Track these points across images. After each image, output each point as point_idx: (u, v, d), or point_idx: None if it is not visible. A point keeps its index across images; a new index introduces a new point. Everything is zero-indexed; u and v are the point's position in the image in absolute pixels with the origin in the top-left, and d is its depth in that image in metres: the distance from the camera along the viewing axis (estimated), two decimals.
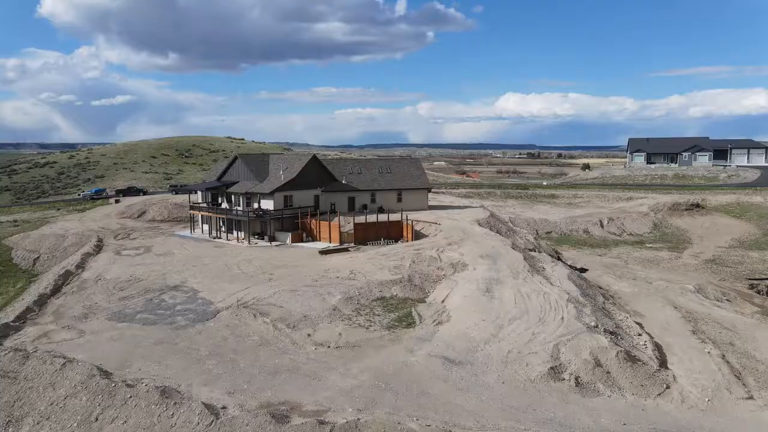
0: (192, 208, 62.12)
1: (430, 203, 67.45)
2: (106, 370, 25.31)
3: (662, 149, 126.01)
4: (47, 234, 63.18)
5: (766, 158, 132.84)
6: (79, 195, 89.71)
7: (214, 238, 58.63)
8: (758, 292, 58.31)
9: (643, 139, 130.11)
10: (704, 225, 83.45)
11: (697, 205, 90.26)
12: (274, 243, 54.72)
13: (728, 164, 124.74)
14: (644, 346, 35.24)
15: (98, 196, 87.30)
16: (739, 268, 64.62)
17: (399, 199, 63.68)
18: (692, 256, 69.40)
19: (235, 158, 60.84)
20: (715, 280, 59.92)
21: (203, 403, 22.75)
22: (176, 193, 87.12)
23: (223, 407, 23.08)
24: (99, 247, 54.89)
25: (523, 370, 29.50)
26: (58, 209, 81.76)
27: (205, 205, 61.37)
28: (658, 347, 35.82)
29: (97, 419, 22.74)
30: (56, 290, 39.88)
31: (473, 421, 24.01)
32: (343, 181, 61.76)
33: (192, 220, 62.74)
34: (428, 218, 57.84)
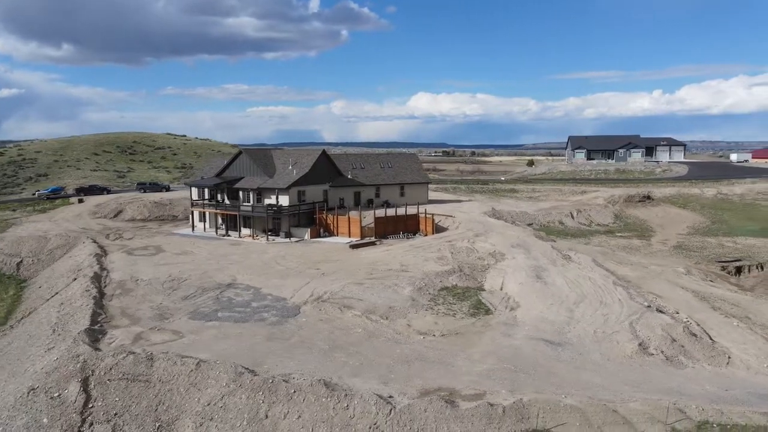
0: (193, 205, 59.42)
1: None
2: (248, 368, 24.43)
3: (600, 146, 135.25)
4: (24, 236, 58.22)
5: (684, 154, 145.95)
6: (34, 194, 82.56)
7: (223, 236, 56.54)
8: (729, 273, 64.65)
9: (582, 137, 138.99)
10: (659, 215, 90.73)
11: (648, 197, 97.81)
12: (292, 239, 53.74)
13: (657, 160, 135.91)
14: (689, 322, 38.51)
15: (56, 196, 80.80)
16: (704, 252, 71.05)
17: (402, 193, 64.45)
18: (660, 243, 75.45)
19: (239, 153, 58.91)
20: (692, 263, 65.73)
21: (375, 394, 22.70)
22: (144, 191, 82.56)
23: (390, 396, 23.14)
24: (103, 249, 51.43)
25: (616, 347, 31.58)
26: (14, 210, 74.99)
27: (209, 202, 58.91)
28: (697, 323, 39.26)
29: (267, 416, 22.06)
30: (101, 293, 37.19)
31: (610, 395, 25.57)
32: (349, 176, 61.62)
33: (192, 218, 60.02)
34: (439, 211, 59.09)
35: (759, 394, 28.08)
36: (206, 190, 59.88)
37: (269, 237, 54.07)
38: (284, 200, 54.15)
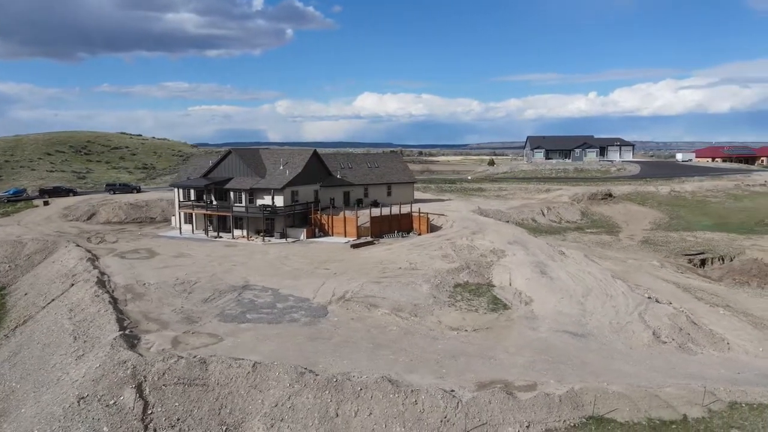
0: (181, 206, 57.86)
1: None
2: (306, 368, 24.45)
3: (557, 146, 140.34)
4: None
5: (632, 154, 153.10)
6: None
7: (215, 238, 55.39)
8: (694, 265, 68.79)
9: (540, 137, 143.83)
10: (621, 212, 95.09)
11: (610, 195, 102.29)
12: (289, 239, 53.32)
13: (610, 159, 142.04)
14: (682, 312, 40.97)
15: (17, 198, 76.74)
16: (669, 246, 75.22)
17: (389, 193, 65.04)
18: (628, 238, 79.26)
19: (228, 153, 57.85)
20: (662, 256, 69.50)
21: (440, 388, 23.26)
22: (114, 193, 79.64)
23: (451, 390, 23.75)
24: (91, 253, 49.53)
25: (634, 337, 33.38)
26: None
27: (198, 203, 57.49)
28: (690, 312, 41.79)
29: (337, 414, 22.23)
30: (114, 298, 35.92)
31: (644, 381, 27.12)
32: (338, 176, 61.67)
33: (180, 220, 58.46)
34: (429, 210, 60.01)
35: (742, 379, 30.24)
36: (192, 191, 58.46)
37: (265, 238, 53.46)
38: (279, 200, 53.68)
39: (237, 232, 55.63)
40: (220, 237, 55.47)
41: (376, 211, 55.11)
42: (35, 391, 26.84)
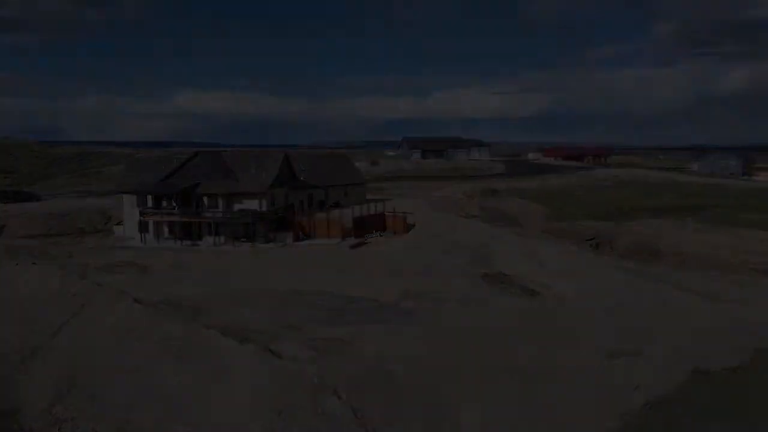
0: (146, 214, 52.90)
1: None
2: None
3: (432, 146, 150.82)
4: None
5: (489, 153, 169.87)
6: None
7: (191, 245, 51.86)
8: (594, 248, 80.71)
9: (416, 138, 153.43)
10: (511, 206, 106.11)
11: (496, 191, 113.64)
12: (278, 243, 52.16)
13: (474, 159, 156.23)
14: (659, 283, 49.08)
15: None
16: (567, 233, 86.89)
17: (345, 194, 66.20)
18: (532, 229, 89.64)
19: (195, 155, 54.43)
20: (570, 242, 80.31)
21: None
22: (6, 202, 69.05)
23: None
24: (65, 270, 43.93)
25: (648, 305, 40.20)
26: None
27: (163, 209, 53.16)
28: None
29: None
30: None
31: (696, 338, 33.60)
32: (302, 178, 61.39)
33: (142, 229, 53.42)
34: (389, 209, 62.65)
35: (746, 330, 38.72)
36: (149, 198, 54.03)
37: (253, 243, 51.68)
38: (262, 204, 52.29)
39: (212, 239, 52.85)
40: (197, 245, 52.22)
41: (357, 211, 56.37)
42: (181, 419, 24.71)
